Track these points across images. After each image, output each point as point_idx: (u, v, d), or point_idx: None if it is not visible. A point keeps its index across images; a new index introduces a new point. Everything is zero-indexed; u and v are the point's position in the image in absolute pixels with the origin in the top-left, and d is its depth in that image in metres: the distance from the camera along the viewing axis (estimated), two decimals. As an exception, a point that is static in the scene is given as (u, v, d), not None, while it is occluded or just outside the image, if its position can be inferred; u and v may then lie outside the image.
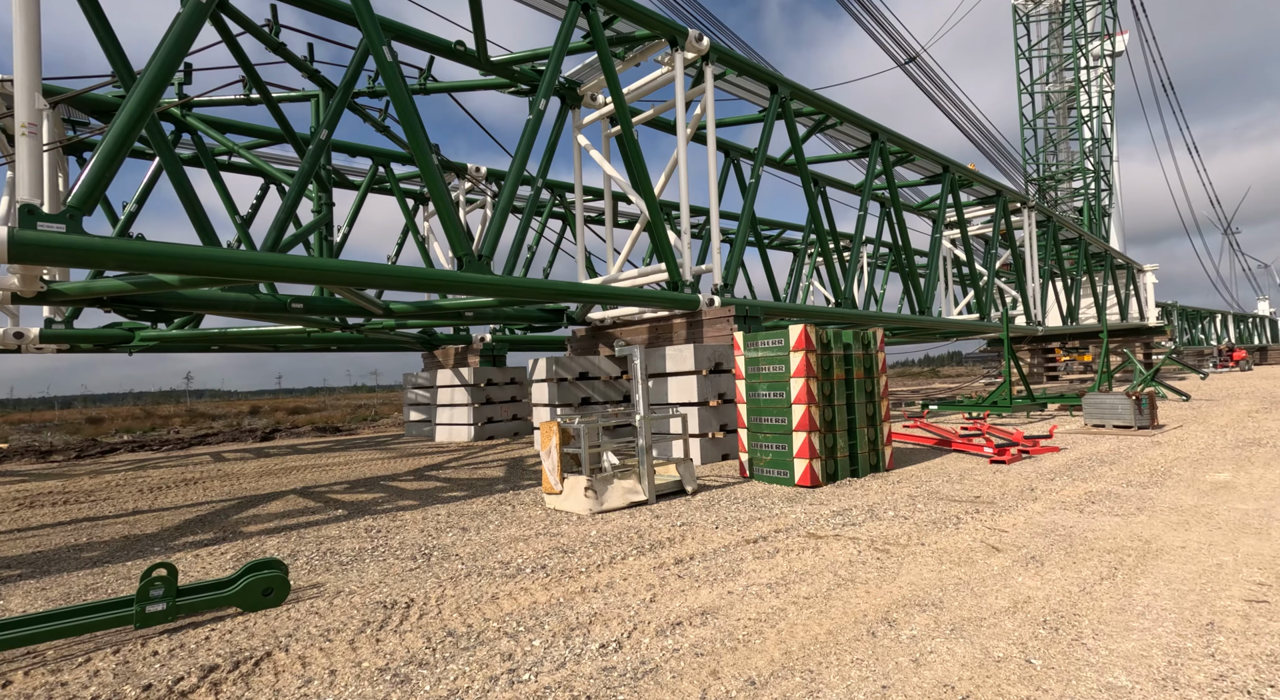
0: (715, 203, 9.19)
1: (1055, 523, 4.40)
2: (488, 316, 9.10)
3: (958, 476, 6.37)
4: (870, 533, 4.27)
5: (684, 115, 8.90)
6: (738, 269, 9.54)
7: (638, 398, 5.53)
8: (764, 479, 6.45)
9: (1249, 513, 4.52)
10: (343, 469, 8.95)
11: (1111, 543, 3.88)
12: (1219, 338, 44.68)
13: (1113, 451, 7.59)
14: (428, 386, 13.96)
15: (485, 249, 6.51)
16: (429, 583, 3.52)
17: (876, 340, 6.95)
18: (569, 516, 5.09)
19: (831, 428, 6.34)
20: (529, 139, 6.97)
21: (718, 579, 3.43)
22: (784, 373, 6.26)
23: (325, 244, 9.38)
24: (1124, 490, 5.42)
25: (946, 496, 5.38)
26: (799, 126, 12.45)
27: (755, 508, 5.18)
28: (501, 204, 6.67)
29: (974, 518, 4.59)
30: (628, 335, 9.94)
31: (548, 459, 5.38)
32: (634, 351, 5.54)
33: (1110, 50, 31.46)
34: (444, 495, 6.43)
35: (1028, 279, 18.28)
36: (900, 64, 22.59)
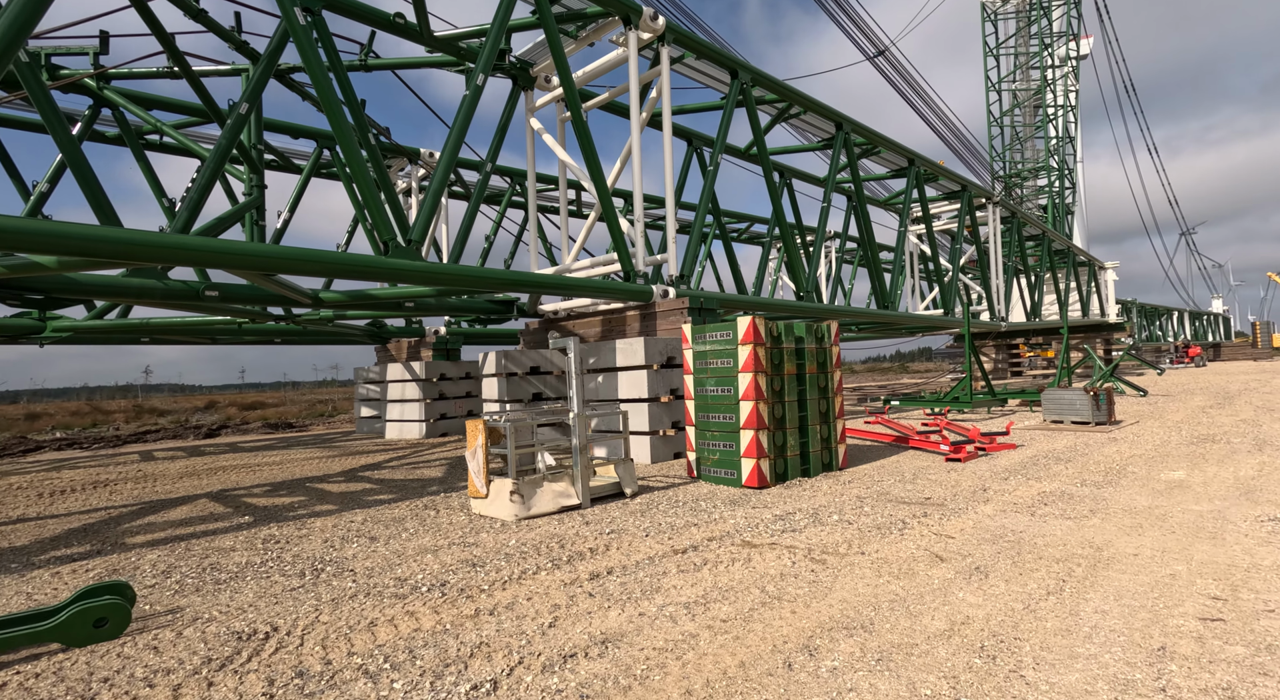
0: (671, 191, 8.82)
1: (1005, 527, 4.15)
2: (430, 307, 8.61)
3: (911, 476, 6.12)
4: (809, 540, 3.96)
5: (637, 98, 8.49)
6: (694, 259, 9.20)
7: (572, 394, 5.15)
8: (711, 479, 6.12)
9: (1203, 515, 4.32)
10: (274, 469, 8.40)
11: (1061, 550, 3.63)
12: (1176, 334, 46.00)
13: (1069, 448, 7.45)
14: (378, 381, 13.37)
15: (415, 234, 6.04)
16: (305, 606, 3.09)
17: (831, 334, 6.67)
18: (493, 523, 4.69)
19: (782, 425, 6.04)
20: (464, 118, 6.50)
21: (632, 598, 3.07)
22: (732, 367, 5.93)
23: (256, 229, 8.76)
24: (1078, 490, 5.21)
25: (896, 498, 5.11)
26: (762, 115, 12.14)
27: (694, 512, 4.84)
28: (433, 186, 6.20)
29: (921, 522, 4.31)
30: (581, 328, 9.54)
31: (473, 460, 4.96)
32: (569, 343, 5.15)
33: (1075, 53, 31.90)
34: (368, 499, 5.97)
35: (992, 275, 18.33)
36: (869, 57, 22.48)
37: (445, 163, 6.26)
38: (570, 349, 5.13)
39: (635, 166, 8.57)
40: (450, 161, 6.30)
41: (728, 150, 12.97)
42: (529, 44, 9.52)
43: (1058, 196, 31.47)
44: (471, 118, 6.59)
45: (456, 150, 6.42)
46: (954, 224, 17.60)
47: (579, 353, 5.16)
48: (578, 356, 5.15)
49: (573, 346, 5.12)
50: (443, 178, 6.20)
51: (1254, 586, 2.97)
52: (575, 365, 5.14)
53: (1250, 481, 5.33)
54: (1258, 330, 56.42)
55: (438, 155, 12.68)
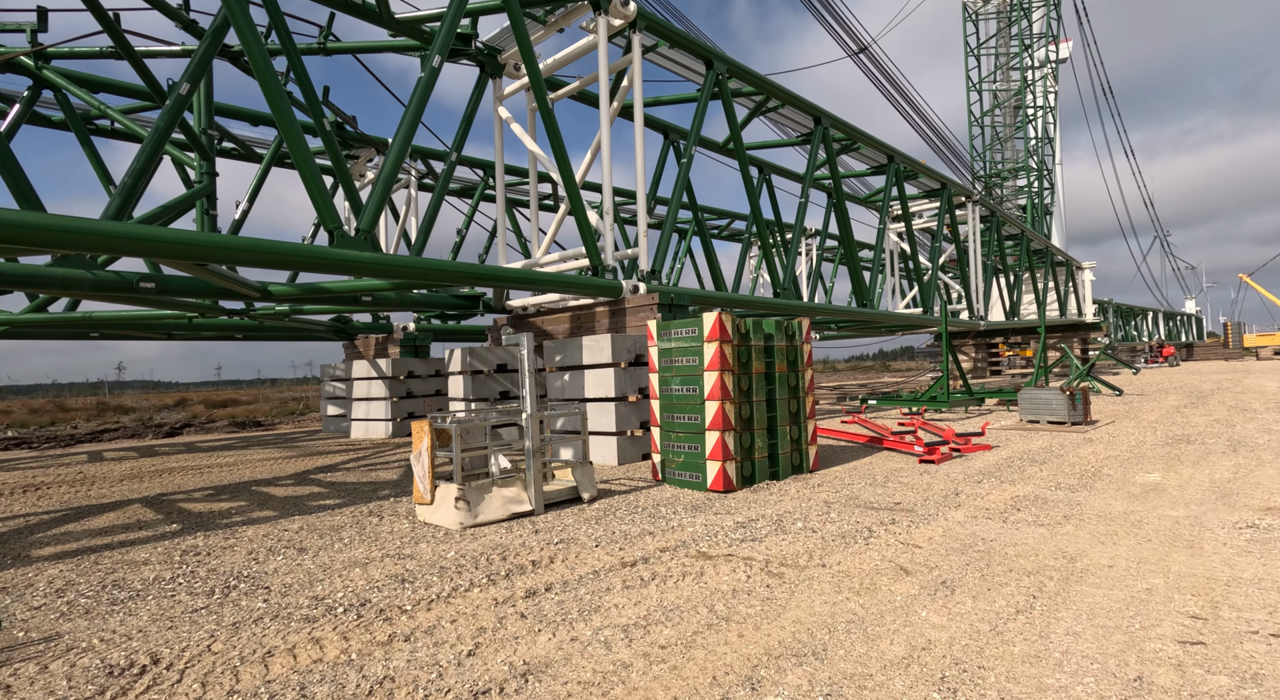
0: (642, 183, 8.53)
1: (975, 535, 3.93)
2: (390, 302, 8.25)
3: (883, 478, 5.91)
4: (769, 551, 3.70)
5: (607, 87, 8.19)
6: (666, 254, 8.93)
7: (525, 393, 4.85)
8: (676, 483, 5.86)
9: (1180, 521, 4.14)
10: (224, 471, 7.99)
11: (1033, 561, 3.41)
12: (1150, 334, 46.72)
13: (1044, 450, 7.30)
14: (344, 379, 12.94)
15: (364, 224, 5.69)
16: (201, 632, 2.77)
17: (802, 331, 6.44)
18: (436, 532, 4.38)
19: (749, 426, 5.79)
20: (418, 102, 6.16)
21: (567, 619, 2.79)
22: (697, 365, 5.67)
23: (207, 219, 8.32)
24: (1052, 494, 5.03)
25: (865, 503, 4.88)
26: (740, 108, 11.89)
27: (653, 519, 4.57)
28: (383, 174, 5.86)
29: (888, 530, 4.08)
30: (550, 324, 9.23)
31: (417, 464, 4.65)
32: (521, 340, 4.85)
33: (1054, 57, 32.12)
34: (312, 504, 5.62)
35: (971, 274, 18.30)
36: (851, 54, 22.36)
37: (397, 149, 5.92)
38: (523, 345, 4.83)
39: (605, 158, 8.27)
40: (403, 148, 5.95)
41: (706, 145, 12.72)
42: (497, 29, 9.17)
43: (1036, 197, 31.70)
44: (426, 102, 6.25)
45: (409, 136, 6.08)
46: (934, 223, 17.53)
47: (532, 349, 4.86)
48: (530, 353, 4.85)
49: (525, 343, 4.83)
50: (393, 165, 5.86)
51: (1235, 603, 2.77)
52: (528, 363, 4.85)
53: (1226, 485, 5.19)
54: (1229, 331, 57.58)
55: (407, 146, 12.25)
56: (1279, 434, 7.85)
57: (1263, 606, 2.72)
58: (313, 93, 7.32)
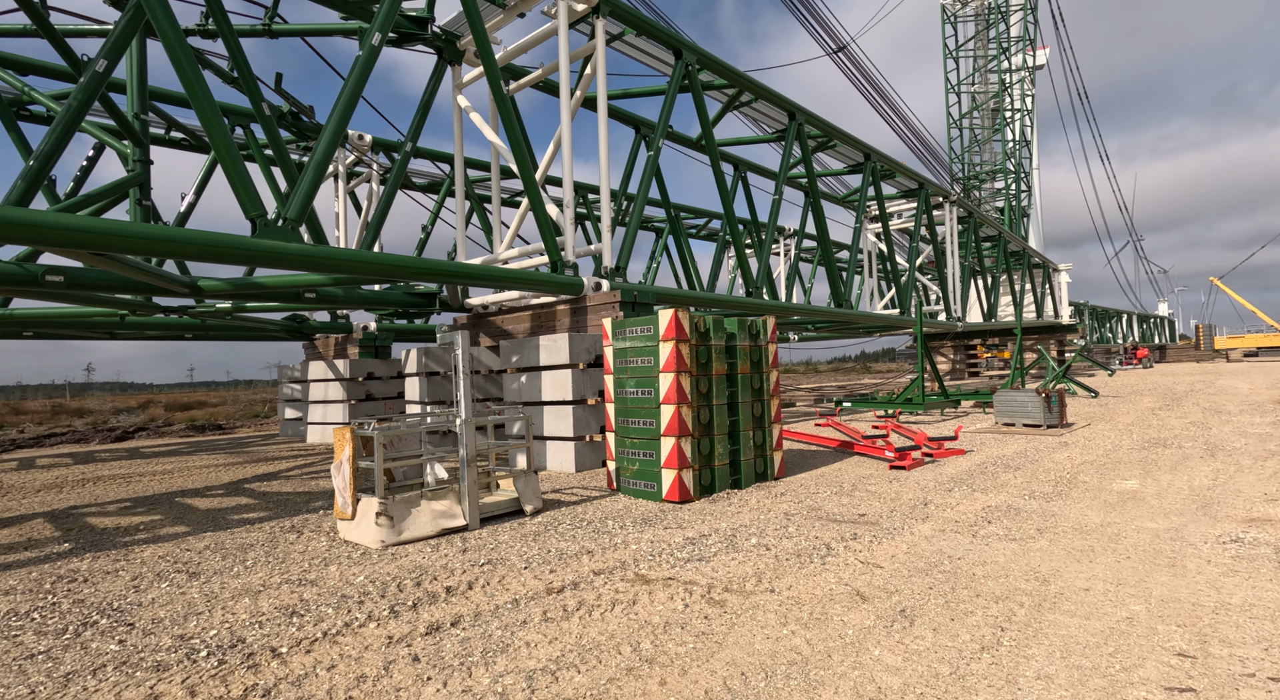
0: (605, 177, 8.15)
1: (942, 552, 3.59)
2: (336, 299, 7.77)
3: (850, 486, 5.58)
4: (715, 573, 3.33)
5: (567, 75, 7.80)
6: (630, 250, 8.55)
7: (459, 397, 4.44)
8: (630, 492, 5.48)
9: (1159, 534, 3.85)
10: (155, 480, 7.45)
11: (1002, 583, 3.08)
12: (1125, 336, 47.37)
13: (1019, 454, 7.03)
14: (301, 380, 12.38)
15: (291, 212, 5.23)
16: (21, 687, 2.32)
17: (767, 330, 6.09)
18: (354, 551, 3.95)
19: (709, 431, 5.43)
20: (355, 82, 5.72)
21: (467, 663, 2.39)
22: (652, 366, 5.29)
23: (140, 209, 7.78)
24: (1026, 504, 4.73)
25: (828, 515, 4.54)
26: (713, 103, 11.58)
27: (597, 535, 4.18)
28: (315, 158, 5.40)
29: (849, 546, 3.74)
30: (510, 324, 8.81)
31: (338, 475, 4.21)
32: (455, 338, 4.44)
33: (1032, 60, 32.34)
34: (233, 518, 5.15)
35: (948, 274, 18.18)
36: (829, 52, 22.20)
37: (330, 132, 5.47)
38: (457, 345, 4.42)
39: (565, 150, 7.88)
40: (336, 131, 5.51)
41: (680, 141, 12.38)
42: (456, 13, 8.73)
43: (1014, 199, 31.88)
44: (364, 84, 5.81)
45: (344, 119, 5.63)
46: (912, 223, 17.37)
47: (467, 349, 4.45)
48: (465, 354, 4.44)
49: (459, 342, 4.41)
50: (325, 148, 5.41)
51: (1225, 636, 2.45)
52: (462, 364, 4.43)
53: (1206, 493, 4.93)
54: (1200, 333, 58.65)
55: (368, 138, 11.77)
56: (1255, 437, 7.68)
57: (1256, 640, 2.40)
58: (251, 75, 6.85)
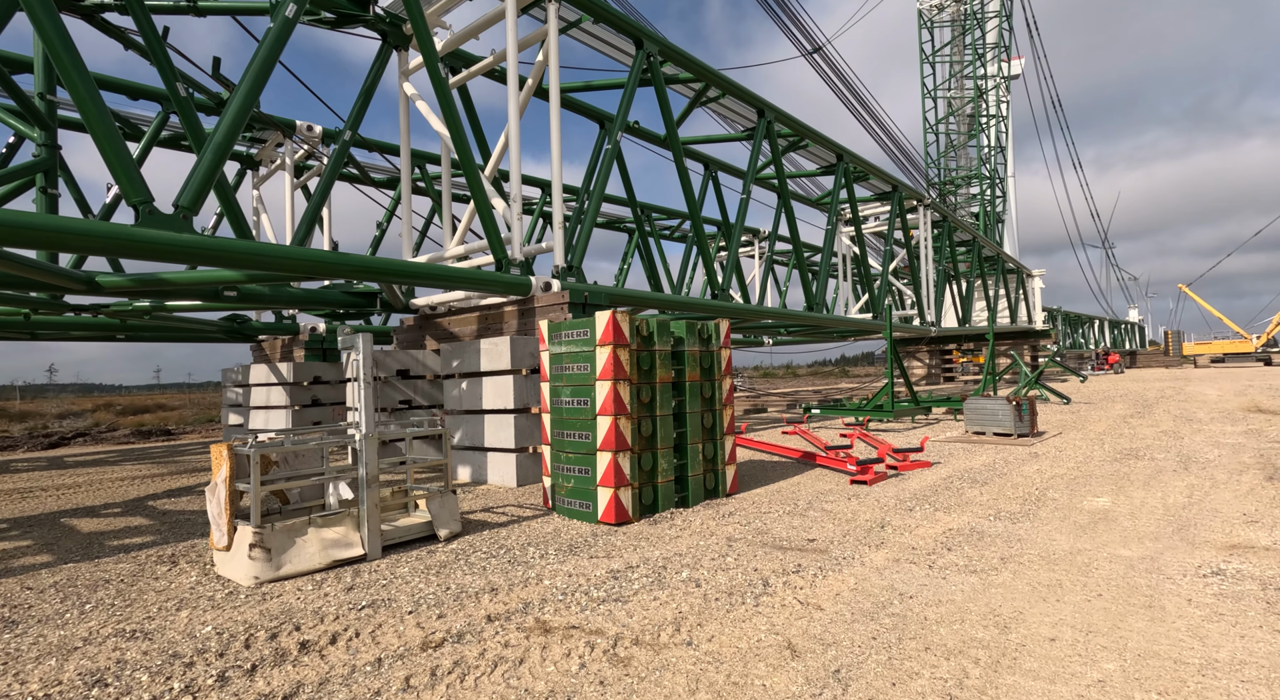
0: (557, 170, 7.66)
1: (894, 588, 3.16)
2: (261, 298, 7.18)
3: (805, 504, 5.15)
4: (629, 619, 2.86)
5: (515, 60, 7.31)
6: (584, 248, 8.07)
7: (360, 408, 3.92)
8: (565, 512, 4.99)
9: (1134, 565, 3.46)
10: (54, 496, 6.78)
11: (957, 632, 2.65)
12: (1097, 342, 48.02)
13: (987, 467, 6.67)
14: (244, 384, 11.69)
15: (185, 199, 4.67)
16: None
17: (720, 334, 5.65)
18: (222, 590, 3.40)
19: (651, 445, 4.96)
20: (265, 57, 5.17)
21: (281, 755, 1.88)
22: (589, 373, 4.81)
23: (44, 198, 7.12)
24: (990, 526, 4.33)
25: (774, 541, 4.09)
26: (682, 98, 11.17)
27: (511, 566, 3.69)
28: (215, 138, 4.85)
29: (789, 582, 3.29)
30: (456, 325, 8.27)
31: (212, 500, 3.67)
32: (355, 341, 3.92)
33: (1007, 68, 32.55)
34: (109, 544, 4.56)
35: (922, 279, 17.98)
36: (805, 53, 21.97)
37: (235, 111, 4.91)
38: (357, 348, 3.91)
39: (513, 142, 7.38)
40: (240, 111, 4.95)
41: (649, 138, 11.95)
42: (401, -5, 8.19)
43: (989, 204, 32.03)
44: (275, 60, 5.25)
45: (249, 96, 5.07)
46: (886, 227, 17.13)
47: (369, 353, 3.94)
48: (366, 358, 3.93)
49: (360, 345, 3.90)
50: (227, 129, 4.85)
51: (1214, 708, 2.04)
52: (363, 371, 3.92)
53: (1182, 513, 4.58)
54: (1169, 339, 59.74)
55: (318, 130, 11.14)
56: (1228, 448, 7.42)
57: (1251, 714, 1.99)
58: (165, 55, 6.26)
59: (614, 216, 18.03)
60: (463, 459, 7.01)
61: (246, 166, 12.27)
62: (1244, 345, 48.25)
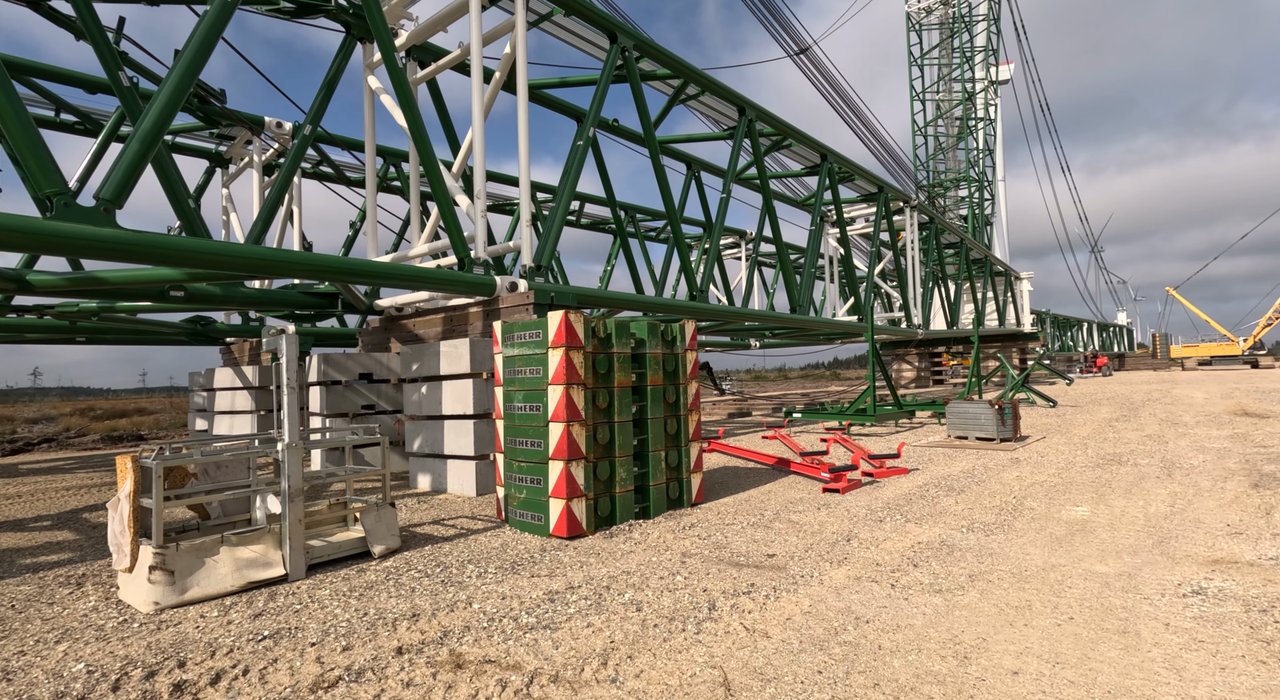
0: (525, 167, 7.40)
1: (850, 611, 2.91)
2: (211, 298, 6.86)
3: (772, 515, 4.90)
4: (554, 650, 2.59)
5: (479, 52, 7.05)
6: (553, 248, 7.81)
7: (283, 416, 3.63)
8: (517, 525, 4.71)
9: (1110, 583, 3.23)
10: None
11: (913, 663, 2.39)
12: (1085, 345, 48.16)
13: (966, 474, 6.45)
14: (210, 388, 11.34)
15: (107, 191, 4.37)
16: None
17: (685, 336, 5.39)
18: (118, 617, 3.11)
19: (609, 453, 4.69)
20: (202, 39, 4.87)
21: None
22: (541, 377, 4.54)
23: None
24: (962, 539, 4.09)
25: (731, 557, 3.83)
26: (655, 92, 10.93)
27: (443, 587, 3.41)
28: (144, 126, 4.55)
29: (738, 604, 3.03)
30: (421, 327, 7.98)
31: (114, 516, 3.37)
32: (280, 343, 3.63)
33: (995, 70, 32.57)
34: (21, 562, 4.24)
35: (909, 281, 17.81)
36: (791, 54, 21.83)
37: (166, 97, 4.62)
38: (282, 350, 3.62)
39: (477, 137, 7.11)
40: (171, 99, 4.65)
41: (628, 136, 11.70)
42: (364, -14, 7.91)
43: (977, 207, 32.00)
44: (212, 45, 4.96)
45: (183, 82, 4.77)
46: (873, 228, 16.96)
47: (295, 354, 3.65)
48: (292, 360, 3.64)
49: (284, 347, 3.61)
50: (157, 117, 4.56)
51: (1190, 760, 1.79)
52: (288, 375, 3.63)
53: (1163, 523, 4.36)
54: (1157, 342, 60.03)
55: (288, 126, 10.83)
56: (1213, 453, 7.23)
57: (1231, 769, 1.74)
58: (104, 38, 5.96)
59: (599, 218, 17.77)
60: (423, 467, 6.72)
61: (216, 165, 11.95)
62: (1231, 348, 48.52)
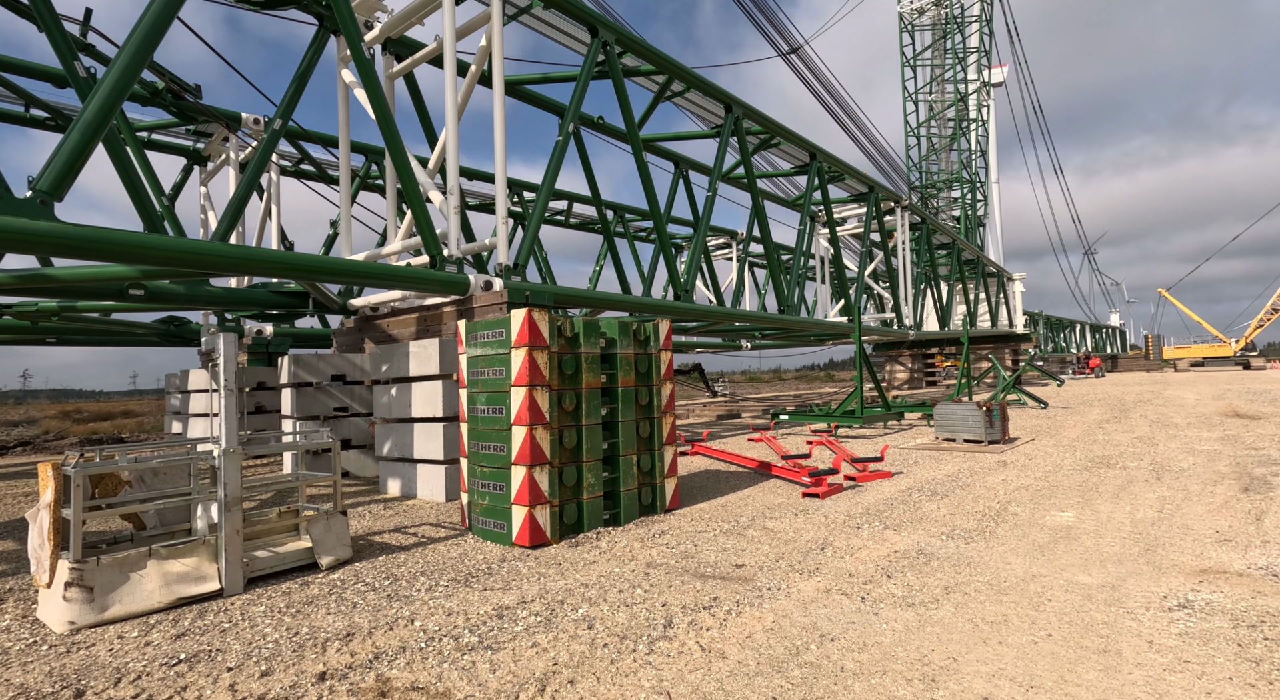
0: (501, 163, 7.21)
1: (815, 627, 2.72)
2: (174, 297, 6.64)
3: (747, 521, 4.71)
4: (491, 674, 2.39)
5: (453, 43, 6.86)
6: (531, 246, 7.62)
7: (220, 421, 3.43)
8: (480, 533, 4.51)
9: (1092, 595, 3.05)
10: (-58, 512, 6.20)
11: (874, 690, 2.21)
12: (1078, 346, 48.20)
13: (951, 477, 6.28)
14: (185, 390, 11.10)
15: (45, 183, 4.16)
16: None
17: (660, 335, 5.21)
18: (31, 637, 2.89)
19: (576, 458, 4.50)
20: (149, 30, 4.66)
21: None
22: (504, 378, 4.35)
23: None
24: (941, 547, 3.91)
25: (697, 568, 3.64)
26: (639, 89, 10.76)
27: (388, 602, 3.21)
28: (85, 115, 4.34)
29: (697, 620, 2.84)
30: (395, 327, 7.78)
31: (34, 528, 3.16)
32: (217, 342, 3.43)
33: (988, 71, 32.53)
34: (-45, 573, 4.02)
35: (900, 282, 17.68)
36: (781, 54, 21.71)
37: (111, 83, 4.40)
38: (219, 350, 3.42)
39: (450, 130, 6.92)
40: (119, 83, 4.44)
41: (612, 133, 11.51)
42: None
43: (970, 208, 31.94)
44: (162, 30, 4.75)
45: (129, 69, 4.55)
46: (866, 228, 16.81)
47: (234, 356, 3.45)
48: (231, 362, 3.44)
49: (221, 347, 3.41)
50: (101, 105, 4.35)
51: (1170, 804, 1.60)
52: (225, 377, 3.43)
53: (1150, 530, 4.19)
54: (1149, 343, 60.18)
55: (263, 121, 10.60)
56: (1203, 456, 7.09)
57: (1216, 815, 1.56)
58: (58, 27, 5.75)
59: (590, 218, 17.57)
60: (393, 471, 6.52)
61: (194, 163, 11.71)
62: (1223, 349, 48.64)
